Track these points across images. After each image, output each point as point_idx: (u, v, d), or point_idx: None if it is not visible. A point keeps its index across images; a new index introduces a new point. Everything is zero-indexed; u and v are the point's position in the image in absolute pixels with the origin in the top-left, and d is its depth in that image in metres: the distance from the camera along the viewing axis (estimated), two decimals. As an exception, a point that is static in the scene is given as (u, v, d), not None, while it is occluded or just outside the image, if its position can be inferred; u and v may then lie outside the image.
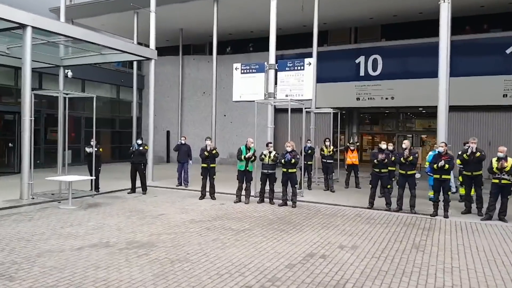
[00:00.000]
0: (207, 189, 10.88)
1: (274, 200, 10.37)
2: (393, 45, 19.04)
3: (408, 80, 18.39)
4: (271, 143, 10.44)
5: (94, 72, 20.10)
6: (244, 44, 23.09)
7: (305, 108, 13.17)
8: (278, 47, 12.88)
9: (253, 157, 10.24)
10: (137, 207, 9.61)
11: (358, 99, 19.60)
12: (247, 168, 10.29)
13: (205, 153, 10.67)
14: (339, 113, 16.30)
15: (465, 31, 17.97)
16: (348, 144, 13.92)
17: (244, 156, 10.21)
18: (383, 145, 10.14)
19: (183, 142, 13.36)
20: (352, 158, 13.40)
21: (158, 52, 15.61)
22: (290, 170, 9.95)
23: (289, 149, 10.01)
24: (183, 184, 13.29)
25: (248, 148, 10.35)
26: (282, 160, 9.98)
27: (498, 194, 8.48)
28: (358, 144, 14.79)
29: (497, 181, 8.44)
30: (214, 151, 10.75)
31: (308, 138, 14.18)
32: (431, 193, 9.63)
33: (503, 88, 16.57)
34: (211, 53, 23.89)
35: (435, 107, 10.36)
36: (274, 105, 12.42)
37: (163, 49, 22.47)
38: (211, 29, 18.64)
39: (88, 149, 11.38)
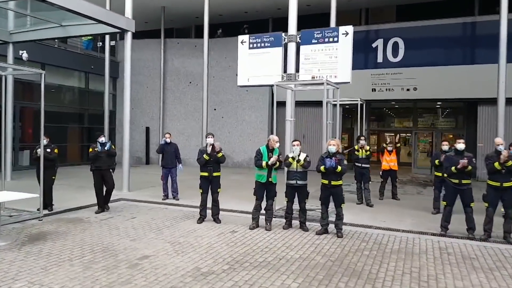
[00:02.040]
0: (208, 206, 7.64)
1: (306, 224, 7.24)
2: (418, 26, 16.19)
3: (435, 68, 15.63)
4: (298, 140, 7.28)
5: (57, 56, 16.40)
6: (237, 27, 19.77)
7: (328, 100, 10.16)
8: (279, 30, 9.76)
9: (277, 163, 7.06)
10: (105, 241, 6.27)
11: (374, 90, 16.70)
12: (270, 179, 7.10)
13: (205, 156, 7.42)
14: (363, 105, 13.26)
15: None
16: (384, 144, 10.92)
17: (267, 162, 7.01)
18: (459, 145, 7.11)
19: (168, 140, 10.01)
20: (389, 162, 10.45)
21: (136, 37, 12.16)
22: (333, 182, 6.83)
23: (332, 149, 6.87)
24: (170, 196, 9.99)
25: (270, 150, 7.17)
26: (321, 167, 6.85)
27: None
28: (399, 145, 11.70)
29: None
30: (220, 154, 7.51)
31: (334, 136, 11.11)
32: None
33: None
34: (197, 37, 20.73)
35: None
36: (294, 91, 9.18)
37: (141, 34, 18.94)
38: (198, 7, 15.31)
39: (38, 152, 7.90)
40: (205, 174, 7.50)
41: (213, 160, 7.48)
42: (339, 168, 6.72)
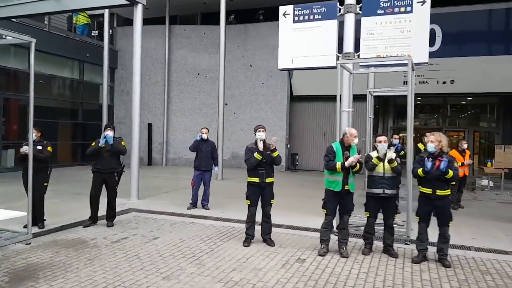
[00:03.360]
0: (256, 221, 5.72)
1: (393, 247, 5.36)
2: (458, 11, 14.47)
3: (476, 58, 13.94)
4: (384, 135, 5.40)
5: (48, 41, 14.27)
6: (251, 13, 17.80)
7: (369, 90, 8.38)
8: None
9: (357, 165, 5.16)
10: (126, 279, 4.29)
11: (406, 82, 14.88)
12: (347, 187, 5.19)
13: (257, 155, 5.49)
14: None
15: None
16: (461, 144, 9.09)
17: (342, 164, 5.10)
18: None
19: (204, 137, 8.06)
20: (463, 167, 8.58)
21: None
22: (439, 192, 4.95)
23: (431, 146, 5.01)
24: (199, 205, 8.07)
25: (346, 147, 5.27)
26: (419, 170, 4.98)
27: None
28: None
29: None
30: (276, 153, 5.58)
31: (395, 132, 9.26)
32: None
33: None
34: (203, 23, 18.76)
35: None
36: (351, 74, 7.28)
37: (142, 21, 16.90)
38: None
39: (23, 149, 5.84)
40: (255, 180, 5.57)
41: (266, 161, 5.56)
42: (451, 172, 4.85)
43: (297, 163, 16.41)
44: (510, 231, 6.77)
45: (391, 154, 5.15)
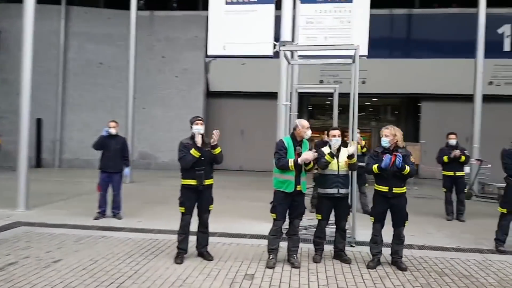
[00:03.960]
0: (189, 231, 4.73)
1: (346, 253, 4.86)
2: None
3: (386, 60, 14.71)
4: (337, 129, 4.87)
5: None
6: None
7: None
8: None
9: (311, 162, 4.53)
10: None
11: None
12: (299, 188, 4.53)
13: (194, 152, 4.53)
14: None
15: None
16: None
17: (295, 161, 4.43)
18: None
19: (112, 132, 6.70)
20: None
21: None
22: (396, 190, 4.57)
23: (386, 140, 4.62)
24: (110, 213, 6.71)
25: (299, 142, 4.61)
26: (374, 167, 4.56)
27: None
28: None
29: None
30: (217, 149, 4.67)
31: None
32: None
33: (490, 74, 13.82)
34: (106, 6, 16.74)
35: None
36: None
37: None
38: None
39: None
40: (192, 182, 4.59)
41: (205, 160, 4.63)
42: (407, 168, 4.50)
43: (213, 163, 15.53)
44: (440, 226, 6.86)
45: (352, 149, 4.63)
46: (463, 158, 7.19)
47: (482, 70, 10.28)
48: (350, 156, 4.65)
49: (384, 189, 4.57)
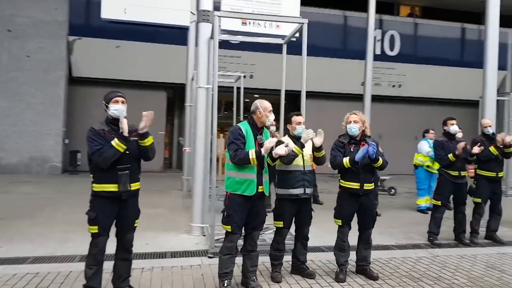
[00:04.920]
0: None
1: (305, 268, 4.01)
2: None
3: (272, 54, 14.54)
4: (300, 114, 3.95)
5: None
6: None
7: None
8: None
9: (274, 154, 3.51)
10: None
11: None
12: (261, 189, 3.47)
13: (117, 144, 3.03)
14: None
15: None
16: None
17: (258, 152, 3.36)
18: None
19: None
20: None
21: None
22: (367, 186, 3.91)
23: (355, 128, 3.93)
24: None
25: (259, 130, 3.55)
26: (345, 160, 3.83)
27: None
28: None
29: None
30: (149, 140, 3.22)
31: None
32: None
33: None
34: None
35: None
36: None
37: None
38: None
39: None
40: (111, 187, 3.07)
41: (131, 155, 3.16)
42: (380, 160, 3.88)
43: (78, 163, 12.95)
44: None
45: (320, 140, 3.75)
46: None
47: (371, 73, 10.81)
48: (318, 149, 3.79)
49: (355, 186, 3.86)
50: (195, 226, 5.50)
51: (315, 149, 3.79)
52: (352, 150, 3.87)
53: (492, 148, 5.25)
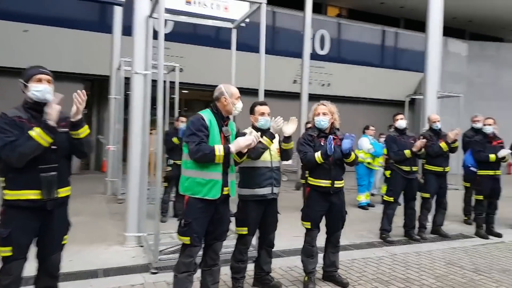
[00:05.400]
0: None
1: (270, 279, 3.51)
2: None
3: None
4: (266, 105, 3.42)
5: None
6: None
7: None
8: None
9: (244, 148, 2.93)
10: None
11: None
12: (226, 190, 2.89)
13: (40, 135, 2.24)
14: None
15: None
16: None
17: (226, 148, 2.79)
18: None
19: None
20: None
21: None
22: (338, 183, 3.53)
23: (325, 121, 3.55)
24: None
25: (224, 120, 2.96)
26: (317, 156, 3.42)
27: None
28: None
29: None
30: (80, 130, 2.44)
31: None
32: None
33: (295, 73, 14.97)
34: None
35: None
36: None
37: None
38: None
39: None
40: (32, 195, 2.27)
41: (59, 149, 2.38)
42: (353, 155, 3.54)
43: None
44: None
45: (291, 127, 3.25)
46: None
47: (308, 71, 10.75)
48: (287, 139, 3.31)
49: (326, 183, 3.47)
50: (129, 236, 4.71)
51: (284, 139, 3.31)
52: (322, 144, 3.48)
53: (443, 144, 5.28)
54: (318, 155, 3.40)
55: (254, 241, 3.59)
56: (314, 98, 17.11)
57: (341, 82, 15.30)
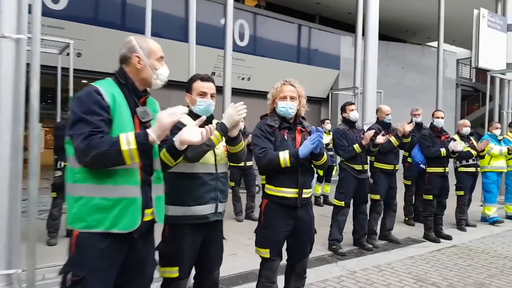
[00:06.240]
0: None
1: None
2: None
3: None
4: (209, 80, 2.28)
5: None
6: None
7: None
8: None
9: (181, 141, 1.79)
10: None
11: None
12: (149, 217, 1.72)
13: None
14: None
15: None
16: None
17: (143, 137, 1.59)
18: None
19: None
20: None
21: None
22: (306, 193, 2.55)
23: (292, 108, 2.56)
24: None
25: (139, 96, 1.77)
26: (284, 157, 2.41)
27: None
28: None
29: None
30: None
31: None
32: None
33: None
34: None
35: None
36: None
37: None
38: None
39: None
40: None
41: None
42: (325, 156, 2.58)
43: None
44: (239, 231, 5.31)
45: (236, 127, 2.17)
46: None
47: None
48: (233, 140, 2.21)
49: (292, 193, 2.47)
50: (-5, 276, 3.19)
51: (230, 141, 2.21)
52: (286, 138, 2.48)
53: (393, 139, 4.68)
54: (285, 156, 2.38)
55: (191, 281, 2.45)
56: (234, 92, 16.19)
57: (261, 76, 14.59)
